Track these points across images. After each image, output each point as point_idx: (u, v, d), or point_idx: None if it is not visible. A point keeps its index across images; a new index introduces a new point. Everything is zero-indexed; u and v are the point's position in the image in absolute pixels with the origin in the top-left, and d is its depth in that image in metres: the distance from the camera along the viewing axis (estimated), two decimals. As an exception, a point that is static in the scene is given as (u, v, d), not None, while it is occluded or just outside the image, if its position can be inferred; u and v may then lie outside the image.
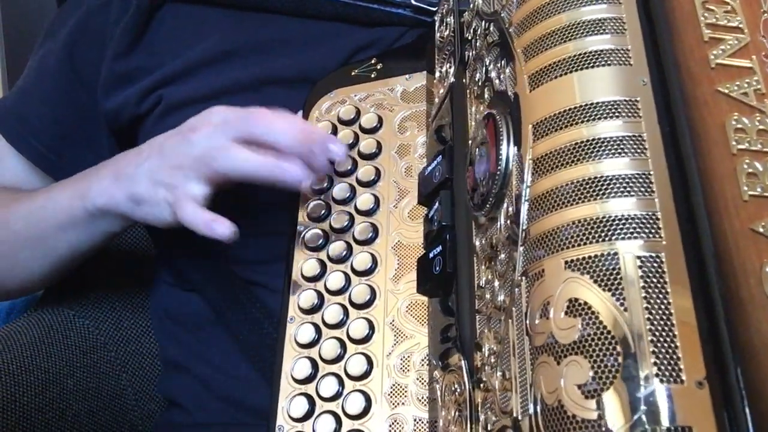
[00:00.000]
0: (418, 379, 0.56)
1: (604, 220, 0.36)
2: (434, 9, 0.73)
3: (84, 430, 0.75)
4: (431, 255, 0.53)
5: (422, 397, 0.55)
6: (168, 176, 0.61)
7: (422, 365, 0.56)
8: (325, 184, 0.63)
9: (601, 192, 0.36)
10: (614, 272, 0.34)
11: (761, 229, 0.35)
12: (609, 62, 0.40)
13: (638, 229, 0.35)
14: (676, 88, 0.38)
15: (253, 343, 0.70)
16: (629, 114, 0.38)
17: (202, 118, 0.62)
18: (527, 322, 0.37)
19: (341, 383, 0.57)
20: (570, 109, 0.39)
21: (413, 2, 0.75)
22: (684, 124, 0.37)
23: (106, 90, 0.76)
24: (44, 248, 0.73)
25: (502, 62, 0.46)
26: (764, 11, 0.42)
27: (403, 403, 0.55)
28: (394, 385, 0.56)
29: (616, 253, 0.35)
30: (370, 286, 0.60)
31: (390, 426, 0.55)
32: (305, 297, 0.62)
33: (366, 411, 0.56)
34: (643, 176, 0.36)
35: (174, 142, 0.62)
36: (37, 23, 0.84)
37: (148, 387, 0.85)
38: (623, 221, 0.35)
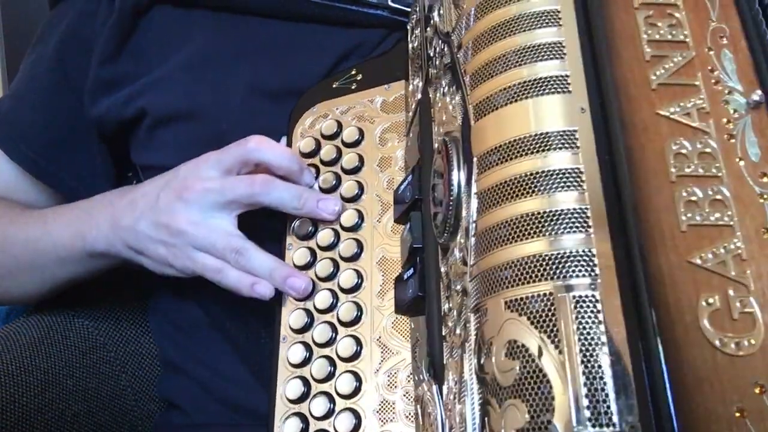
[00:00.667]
0: (404, 395, 0.57)
1: (541, 259, 0.36)
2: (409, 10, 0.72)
3: (83, 430, 0.76)
4: (405, 276, 0.53)
5: (409, 414, 0.56)
6: (167, 236, 0.63)
7: (408, 382, 0.57)
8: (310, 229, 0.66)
9: (538, 230, 0.36)
10: (550, 313, 0.34)
11: (699, 261, 0.34)
12: (547, 91, 0.39)
13: (574, 269, 0.35)
14: (614, 115, 0.38)
15: (251, 351, 0.72)
16: (567, 145, 0.38)
17: (195, 172, 0.63)
18: (475, 360, 0.38)
19: (332, 401, 0.59)
20: (509, 143, 0.39)
21: (390, 3, 0.74)
22: (622, 153, 0.37)
23: (92, 96, 0.76)
24: (42, 275, 0.75)
25: (453, 88, 0.46)
26: (711, 20, 0.41)
27: (391, 420, 0.57)
28: (382, 402, 0.57)
29: (551, 294, 0.35)
30: (356, 303, 0.61)
31: (380, 443, 0.56)
32: (296, 316, 0.63)
33: (356, 428, 0.57)
34: (580, 211, 0.36)
35: (168, 199, 0.63)
36: (37, 23, 0.85)
37: (147, 387, 0.86)
38: (559, 260, 0.35)
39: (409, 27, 0.67)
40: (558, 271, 0.35)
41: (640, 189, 0.36)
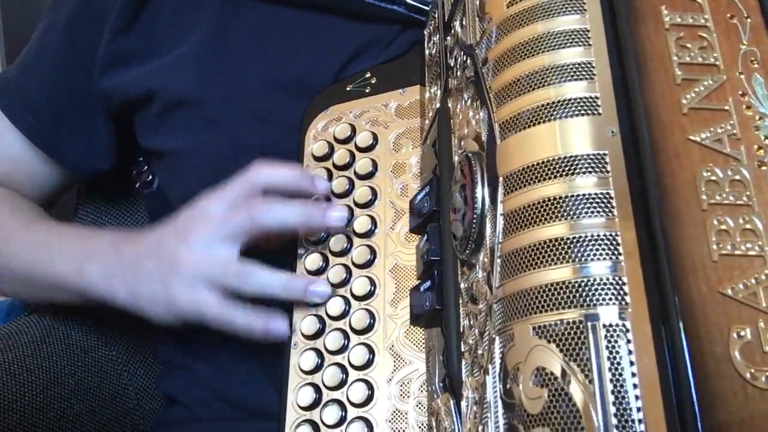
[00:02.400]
0: (417, 405, 0.57)
1: (573, 285, 0.35)
2: (428, 8, 0.71)
3: (86, 429, 0.76)
4: (422, 289, 0.53)
5: (422, 424, 0.56)
6: (167, 274, 0.62)
7: (421, 392, 0.57)
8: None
9: (568, 255, 0.36)
10: (580, 341, 0.34)
11: (730, 292, 0.34)
12: (577, 113, 0.39)
13: (605, 296, 0.35)
14: (645, 139, 0.37)
15: (254, 346, 0.70)
16: (597, 169, 0.37)
17: (199, 214, 0.62)
18: (500, 385, 0.38)
19: (344, 409, 0.59)
20: (537, 164, 0.39)
21: (408, 0, 0.73)
22: (653, 179, 0.36)
23: (102, 68, 0.75)
24: (43, 293, 0.75)
25: (477, 103, 0.46)
26: (743, 43, 0.40)
27: (404, 430, 0.57)
28: (394, 411, 0.57)
29: (582, 322, 0.35)
30: (369, 311, 0.61)
31: (392, 452, 0.56)
32: (308, 323, 0.63)
33: (368, 438, 0.57)
34: (610, 238, 0.36)
35: (172, 244, 0.62)
36: (38, 23, 0.84)
37: (149, 385, 0.85)
38: (591, 287, 0.35)
39: (426, 32, 0.66)
40: (587, 299, 0.35)
41: (672, 217, 0.36)
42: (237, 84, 0.73)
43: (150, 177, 0.80)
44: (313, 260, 0.65)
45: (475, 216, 0.43)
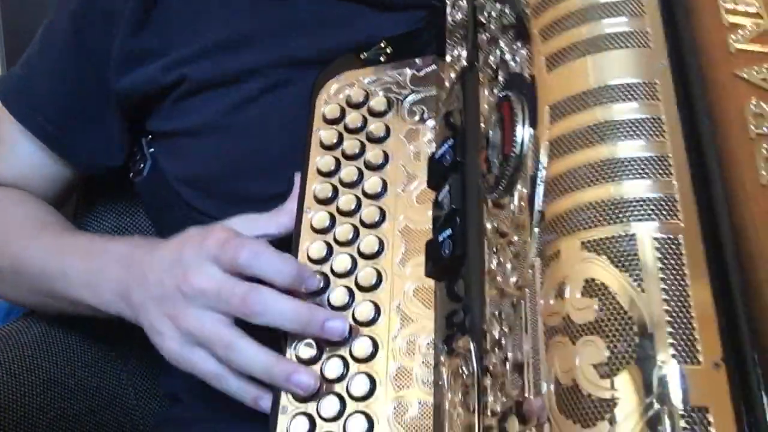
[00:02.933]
0: (423, 362, 0.56)
1: (621, 201, 0.36)
2: None
3: (85, 429, 0.75)
4: (440, 238, 0.53)
5: (427, 381, 0.55)
6: (169, 329, 0.60)
7: (428, 349, 0.56)
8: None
9: (618, 173, 0.36)
10: (632, 253, 0.34)
11: (780, 215, 0.35)
12: (628, 44, 0.40)
13: (656, 211, 0.35)
14: (695, 71, 0.38)
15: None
16: (648, 96, 0.38)
17: (197, 263, 0.59)
18: (541, 302, 0.37)
19: (346, 365, 0.57)
20: (587, 91, 0.39)
21: None
22: (703, 107, 0.37)
23: (118, 69, 0.74)
24: (52, 305, 0.73)
25: (518, 44, 0.46)
26: (783, -3, 0.42)
27: (408, 386, 0.55)
28: (399, 368, 0.56)
29: (633, 235, 0.35)
30: (376, 270, 0.60)
31: (394, 409, 0.55)
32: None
33: (371, 393, 0.55)
34: (662, 159, 0.36)
35: (171, 288, 0.59)
36: (37, 23, 0.83)
37: (149, 385, 0.84)
38: (641, 203, 0.35)
39: (448, 1, 0.67)
40: (640, 214, 0.35)
41: (721, 142, 0.36)
42: (257, 67, 0.72)
43: (141, 165, 0.79)
44: (320, 218, 0.64)
45: (513, 152, 0.43)
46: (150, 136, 0.79)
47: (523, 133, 0.43)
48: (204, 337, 0.59)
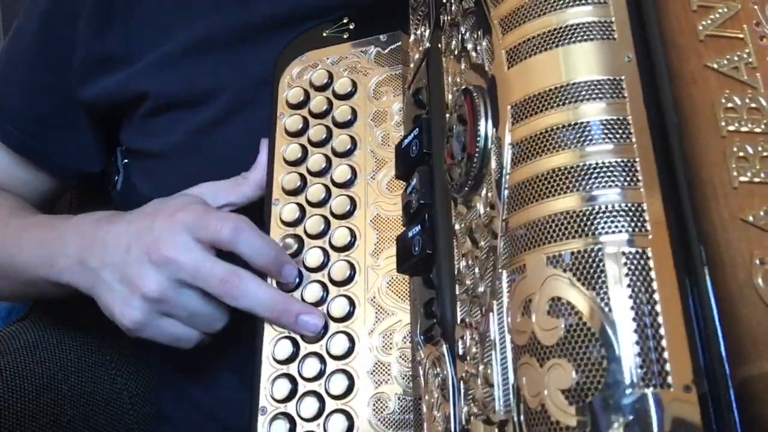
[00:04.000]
0: (401, 357, 0.55)
1: (588, 213, 0.34)
2: None
3: None
4: (410, 234, 0.51)
5: (405, 375, 0.54)
6: (129, 293, 0.58)
7: (404, 343, 0.55)
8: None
9: (584, 182, 0.34)
10: (598, 269, 0.33)
11: (751, 219, 0.33)
12: (591, 37, 0.37)
13: (623, 223, 0.33)
14: (662, 64, 0.36)
15: (243, 362, 0.64)
16: (613, 95, 0.36)
17: (169, 234, 0.57)
18: (508, 319, 0.36)
19: (323, 363, 0.56)
20: (549, 90, 0.37)
21: None
22: (671, 105, 0.35)
23: (81, 76, 0.72)
24: (17, 288, 0.72)
25: (479, 33, 0.43)
26: (756, -26, 0.39)
27: (386, 381, 0.55)
28: (376, 363, 0.55)
29: (600, 249, 0.33)
30: (349, 262, 0.59)
31: (374, 404, 0.54)
32: (284, 273, 0.60)
33: (349, 391, 0.55)
34: (629, 164, 0.34)
35: (138, 255, 0.57)
36: None
37: (143, 390, 0.83)
38: (607, 214, 0.34)
39: (411, -26, 0.64)
40: (605, 226, 0.33)
41: (691, 142, 0.34)
42: (223, 76, 0.70)
43: (116, 177, 0.77)
44: (289, 211, 0.62)
45: (477, 151, 0.41)
46: (124, 147, 0.77)
47: (485, 130, 0.41)
48: (182, 317, 0.57)
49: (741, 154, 0.35)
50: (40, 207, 0.79)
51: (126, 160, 0.76)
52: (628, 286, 0.32)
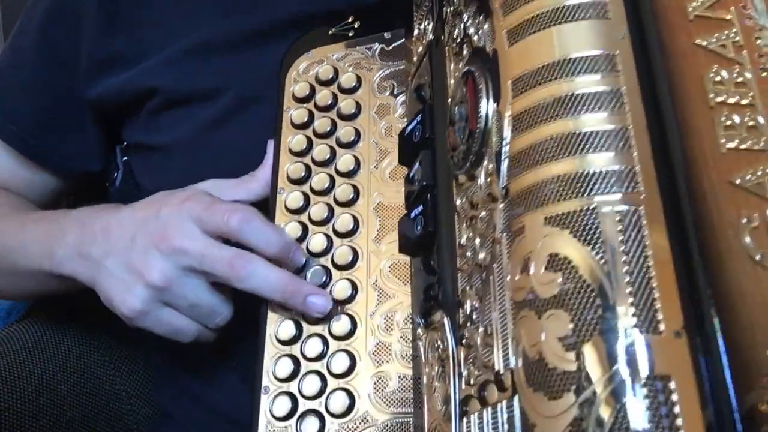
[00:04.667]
0: (401, 337, 0.56)
1: (583, 175, 0.36)
2: None
3: None
4: (412, 215, 0.53)
5: (406, 355, 0.56)
6: (134, 281, 0.58)
7: (405, 324, 0.56)
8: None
9: (579, 147, 0.36)
10: (593, 227, 0.35)
11: (738, 182, 0.35)
12: (587, 16, 0.39)
13: (617, 184, 0.35)
14: (654, 41, 0.38)
15: (244, 358, 0.66)
16: (608, 68, 0.38)
17: (177, 222, 0.58)
18: (508, 278, 0.38)
19: (326, 343, 0.58)
20: (549, 65, 0.39)
21: None
22: (662, 77, 0.37)
23: (88, 76, 0.73)
24: (16, 284, 0.72)
25: (480, 18, 0.46)
26: (742, -39, 0.42)
27: (387, 361, 0.56)
28: (378, 343, 0.57)
29: (595, 208, 0.35)
30: (352, 248, 0.60)
31: (375, 384, 0.55)
32: (288, 260, 0.61)
33: (351, 370, 0.56)
34: (622, 131, 0.36)
35: (144, 243, 0.58)
36: None
37: (142, 391, 0.84)
38: (602, 176, 0.35)
39: (414, -28, 0.66)
40: (602, 187, 0.35)
41: (681, 111, 0.36)
42: (230, 75, 0.72)
43: (115, 174, 0.78)
44: (294, 198, 0.64)
45: (478, 127, 0.43)
46: (125, 144, 0.78)
47: (486, 108, 0.43)
48: (187, 307, 0.57)
49: (728, 123, 0.37)
50: (41, 207, 0.80)
51: (125, 158, 0.77)
52: (622, 241, 0.34)
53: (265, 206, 0.64)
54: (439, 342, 0.48)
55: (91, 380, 0.79)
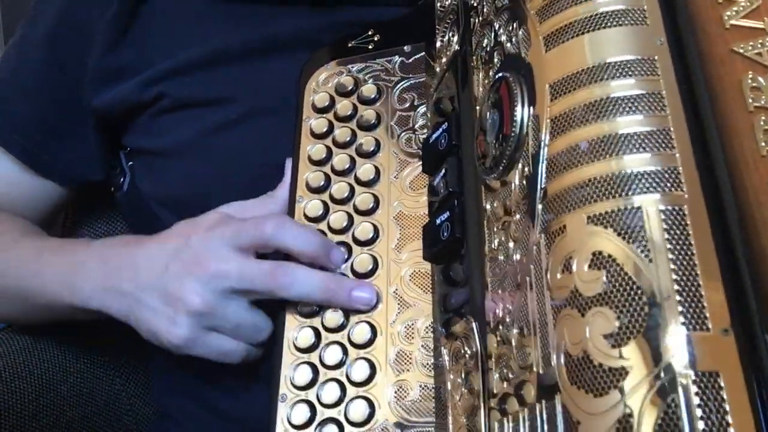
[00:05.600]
0: (422, 346, 0.56)
1: (626, 175, 0.36)
2: None
3: None
4: (438, 221, 0.53)
5: (427, 364, 0.55)
6: (174, 311, 0.58)
7: (427, 332, 0.56)
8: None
9: (618, 148, 0.37)
10: (638, 225, 0.35)
11: (780, 185, 0.36)
12: (626, 23, 0.40)
13: (661, 184, 0.35)
14: (692, 47, 0.39)
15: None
16: (647, 72, 0.38)
17: (208, 246, 0.58)
18: (548, 277, 0.38)
19: (345, 352, 0.57)
20: (588, 69, 0.40)
21: None
22: (701, 81, 0.38)
23: (93, 86, 0.73)
24: (29, 311, 0.72)
25: (514, 25, 0.46)
26: (774, -25, 0.42)
27: (408, 370, 0.56)
28: (399, 352, 0.56)
29: (639, 207, 0.35)
30: (372, 256, 0.60)
31: (395, 392, 0.55)
32: (306, 268, 0.61)
33: (371, 378, 0.56)
34: (664, 132, 0.37)
35: (178, 272, 0.58)
36: None
37: (142, 391, 0.83)
38: (645, 176, 0.36)
39: (436, -14, 0.67)
40: (645, 187, 0.35)
41: (721, 114, 0.37)
42: (237, 86, 0.72)
43: (122, 179, 0.78)
44: (313, 207, 0.64)
45: (513, 131, 0.43)
46: (128, 149, 0.77)
47: (522, 112, 0.43)
48: (231, 329, 0.57)
49: (767, 127, 0.37)
50: (43, 221, 0.80)
51: (131, 162, 0.77)
52: (666, 239, 0.34)
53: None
54: (465, 349, 0.48)
55: (90, 380, 0.78)
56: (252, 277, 0.56)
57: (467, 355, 0.47)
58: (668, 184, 0.35)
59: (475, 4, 0.55)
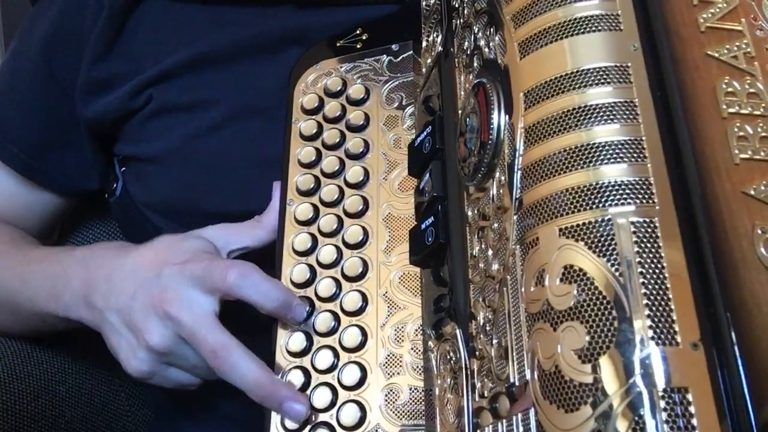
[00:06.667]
0: (412, 349, 0.56)
1: (597, 186, 0.36)
2: None
3: None
4: (423, 226, 0.53)
5: (417, 367, 0.55)
6: (135, 341, 0.58)
7: (416, 335, 0.56)
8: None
9: (593, 159, 0.37)
10: (608, 238, 0.35)
11: (752, 192, 0.35)
12: (599, 28, 0.40)
13: (631, 195, 0.35)
14: (666, 52, 0.38)
15: None
16: (620, 80, 0.38)
17: (177, 286, 0.57)
18: (522, 290, 0.38)
19: (336, 355, 0.57)
20: (561, 77, 0.39)
21: None
22: (675, 88, 0.37)
23: (83, 97, 0.73)
24: (20, 321, 0.72)
25: (491, 30, 0.46)
26: (752, -27, 0.42)
27: (398, 373, 0.56)
28: (388, 355, 0.57)
29: (610, 219, 0.35)
30: (362, 259, 0.60)
31: (386, 396, 0.55)
32: (298, 271, 0.61)
33: (362, 382, 0.56)
34: (635, 142, 0.36)
35: (143, 304, 0.57)
36: None
37: (140, 391, 0.83)
38: (616, 187, 0.36)
39: (422, -16, 0.67)
40: (617, 198, 0.35)
41: (694, 122, 0.37)
42: (224, 89, 0.72)
43: (114, 185, 0.78)
44: (303, 210, 0.64)
45: (490, 138, 0.43)
46: (120, 156, 0.78)
47: (498, 119, 0.43)
48: (176, 351, 0.57)
49: (741, 133, 0.37)
50: (42, 231, 0.80)
51: (124, 168, 0.78)
52: (637, 252, 0.34)
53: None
54: (451, 354, 0.48)
55: (89, 381, 0.78)
56: (198, 343, 0.56)
57: (453, 360, 0.48)
58: (640, 196, 0.35)
59: (456, 5, 0.55)
